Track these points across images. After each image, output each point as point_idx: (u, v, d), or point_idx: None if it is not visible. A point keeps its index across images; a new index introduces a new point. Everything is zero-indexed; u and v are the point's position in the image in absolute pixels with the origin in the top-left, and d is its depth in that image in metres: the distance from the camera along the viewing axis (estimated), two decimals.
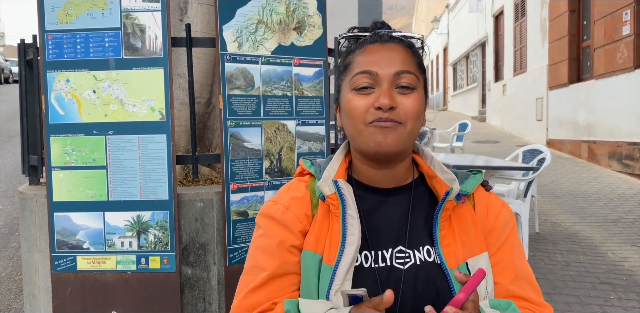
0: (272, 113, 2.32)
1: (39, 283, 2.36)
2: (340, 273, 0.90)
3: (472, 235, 0.97)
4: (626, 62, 6.99)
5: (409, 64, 0.94)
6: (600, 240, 4.50)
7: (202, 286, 2.25)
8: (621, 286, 3.42)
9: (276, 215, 0.97)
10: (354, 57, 0.97)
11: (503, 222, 1.01)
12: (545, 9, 10.26)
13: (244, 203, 2.26)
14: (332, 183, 0.95)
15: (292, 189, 1.02)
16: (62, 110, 2.18)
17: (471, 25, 17.79)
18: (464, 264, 0.94)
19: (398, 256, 0.95)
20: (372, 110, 0.90)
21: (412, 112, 0.91)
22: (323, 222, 0.96)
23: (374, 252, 0.95)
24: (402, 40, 0.97)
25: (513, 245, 1.01)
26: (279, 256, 0.95)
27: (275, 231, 0.96)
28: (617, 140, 7.34)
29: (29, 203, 2.39)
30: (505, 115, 13.69)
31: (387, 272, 0.93)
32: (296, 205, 0.98)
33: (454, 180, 0.97)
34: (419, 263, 0.94)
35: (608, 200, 5.90)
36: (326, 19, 2.46)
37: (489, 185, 1.04)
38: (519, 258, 1.01)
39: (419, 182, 1.02)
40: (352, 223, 0.92)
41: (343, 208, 0.93)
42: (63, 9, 2.18)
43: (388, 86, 0.91)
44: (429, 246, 0.96)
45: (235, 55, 2.24)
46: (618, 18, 7.17)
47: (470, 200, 1.01)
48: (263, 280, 0.94)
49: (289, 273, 0.95)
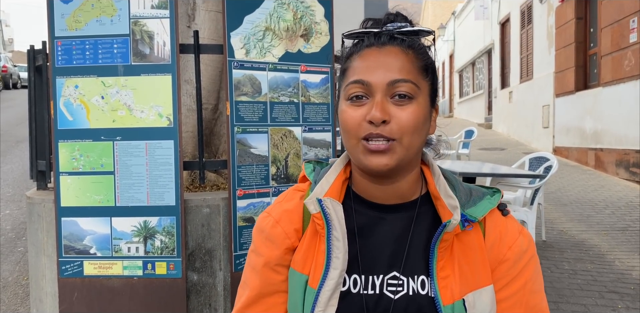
0: (278, 119, 2.33)
1: (46, 288, 2.37)
2: (323, 299, 0.85)
3: (477, 266, 0.88)
4: (633, 70, 6.97)
5: (407, 71, 0.84)
6: (607, 249, 4.46)
7: (208, 292, 2.25)
8: (629, 295, 3.39)
9: (266, 229, 0.93)
10: (351, 62, 0.88)
11: (517, 253, 0.89)
12: (552, 16, 10.26)
13: (250, 209, 2.26)
14: (316, 201, 0.87)
15: (285, 200, 0.96)
16: (71, 115, 2.20)
17: (477, 32, 17.80)
18: (460, 301, 0.85)
19: (390, 283, 0.88)
20: (365, 124, 0.82)
21: (407, 126, 0.82)
22: (312, 239, 0.90)
23: (365, 277, 0.88)
24: (403, 41, 0.86)
25: (527, 279, 0.89)
26: (264, 277, 0.92)
27: (263, 248, 0.93)
28: (624, 148, 7.30)
29: (36, 208, 2.40)
30: (511, 122, 13.66)
31: (375, 300, 0.87)
32: (286, 220, 0.92)
33: (455, 208, 0.86)
34: (411, 294, 0.87)
35: (615, 209, 5.86)
36: (333, 26, 2.47)
37: (506, 210, 0.93)
38: (532, 294, 0.90)
39: (425, 200, 0.92)
40: (337, 246, 0.86)
41: (328, 229, 0.86)
42: (72, 16, 2.20)
43: (381, 97, 0.82)
44: (424, 276, 0.87)
45: (243, 62, 2.25)
46: (625, 25, 7.16)
47: (480, 226, 0.90)
48: (249, 300, 0.93)
49: (276, 292, 0.92)
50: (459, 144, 9.41)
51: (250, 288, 0.93)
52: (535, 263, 0.91)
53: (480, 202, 0.90)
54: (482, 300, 0.86)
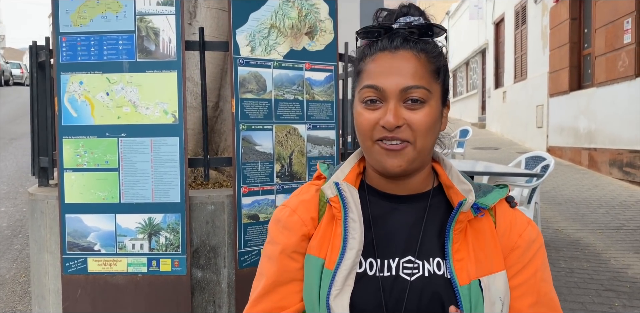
0: (283, 117, 2.33)
1: (49, 285, 2.36)
2: (340, 278, 0.87)
3: (490, 251, 0.91)
4: (627, 70, 7.03)
5: (419, 76, 0.87)
6: (602, 247, 4.50)
7: (212, 289, 2.26)
8: (625, 293, 3.43)
9: (282, 218, 0.96)
10: (365, 64, 0.91)
11: (527, 241, 0.93)
12: (546, 16, 10.32)
13: (255, 206, 2.26)
14: (334, 185, 0.92)
15: (301, 193, 1.00)
16: (75, 112, 2.19)
17: (471, 32, 17.87)
18: (476, 281, 0.88)
19: (406, 266, 0.91)
20: (379, 127, 0.86)
21: (421, 129, 0.86)
22: (328, 226, 0.93)
23: (380, 260, 0.91)
24: (416, 44, 0.88)
25: (537, 268, 0.93)
26: (281, 264, 0.94)
27: (279, 237, 0.95)
28: (618, 148, 7.37)
29: (39, 204, 2.39)
30: (505, 122, 13.73)
31: (392, 281, 0.89)
32: (303, 208, 0.96)
33: (469, 191, 0.91)
34: (427, 276, 0.90)
35: (609, 208, 5.92)
36: (337, 24, 2.48)
37: (513, 202, 0.98)
38: (543, 282, 0.93)
39: (437, 192, 0.96)
40: (353, 227, 0.89)
41: (344, 211, 0.90)
42: (77, 12, 2.19)
43: (395, 103, 0.86)
44: (440, 258, 0.91)
45: (248, 59, 2.25)
46: (619, 26, 7.22)
47: (491, 214, 0.95)
48: (266, 288, 0.94)
49: (292, 281, 0.94)
50: (454, 143, 9.45)
51: (266, 277, 0.94)
52: (544, 254, 0.95)
53: (490, 193, 0.94)
54: (496, 285, 0.89)
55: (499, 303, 0.88)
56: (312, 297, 0.90)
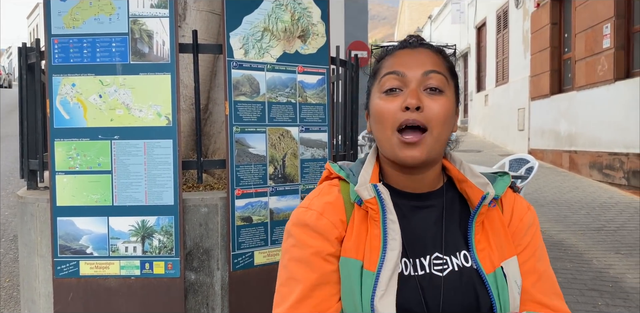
0: (276, 119, 2.35)
1: (39, 289, 2.33)
2: (384, 279, 0.88)
3: (502, 238, 0.97)
4: (606, 74, 7.18)
5: (438, 65, 0.93)
6: (585, 248, 4.59)
7: (205, 291, 2.26)
8: (608, 292, 3.50)
9: (310, 222, 0.94)
10: (383, 62, 0.97)
11: (527, 224, 1.00)
12: (527, 21, 10.49)
13: (248, 208, 2.27)
14: (371, 187, 0.92)
15: (323, 194, 0.98)
16: (67, 114, 2.18)
17: (454, 36, 18.06)
18: (499, 268, 0.93)
19: (435, 263, 0.94)
20: (400, 113, 0.89)
21: (439, 117, 0.89)
22: (361, 227, 0.93)
23: (412, 260, 0.93)
24: (432, 46, 0.97)
25: (536, 248, 1.00)
26: (317, 267, 0.92)
27: (309, 240, 0.93)
28: (597, 151, 7.52)
29: (29, 207, 2.37)
30: (487, 125, 13.90)
31: (427, 279, 0.92)
32: (330, 211, 0.95)
33: (487, 185, 0.96)
34: (457, 270, 0.93)
35: (590, 209, 6.04)
36: (329, 27, 2.50)
37: (516, 186, 1.03)
38: (541, 261, 1.00)
39: (449, 187, 1.00)
40: (392, 228, 0.91)
41: (383, 212, 0.91)
42: (70, 14, 2.18)
43: (416, 87, 0.90)
44: (465, 251, 0.95)
45: (242, 62, 2.27)
46: (599, 31, 7.37)
47: (498, 203, 1.00)
48: (303, 293, 0.91)
49: (328, 283, 0.92)
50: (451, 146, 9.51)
51: (302, 281, 0.92)
52: (540, 234, 1.03)
53: (495, 183, 1.00)
54: (511, 269, 0.95)
55: (515, 287, 0.94)
56: (353, 299, 0.90)
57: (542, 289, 0.98)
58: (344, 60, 2.91)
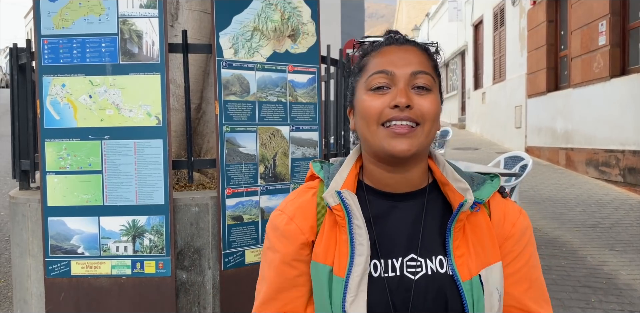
0: (267, 119, 2.35)
1: (31, 289, 2.34)
2: (353, 285, 0.88)
3: (486, 244, 0.94)
4: (602, 72, 7.19)
5: (425, 65, 0.93)
6: (579, 245, 4.61)
7: (196, 290, 2.26)
8: (601, 289, 3.51)
9: (280, 226, 0.96)
10: (369, 58, 0.95)
11: (520, 229, 0.97)
12: (524, 18, 10.49)
13: (239, 208, 2.28)
14: (336, 194, 0.92)
15: (297, 197, 1.00)
16: (58, 114, 2.18)
17: (451, 34, 18.06)
18: (477, 277, 0.91)
19: (409, 265, 0.92)
20: (388, 109, 0.88)
21: (430, 112, 0.89)
22: (331, 231, 0.94)
23: (384, 261, 0.92)
24: (418, 44, 0.96)
25: (530, 255, 0.98)
26: (280, 272, 0.95)
27: (278, 245, 0.96)
28: (593, 148, 7.53)
29: (20, 208, 2.38)
30: (484, 122, 13.91)
31: (397, 281, 0.91)
32: (300, 216, 0.96)
33: (467, 190, 0.93)
34: (430, 274, 0.92)
35: (586, 206, 6.05)
36: (320, 26, 2.51)
37: (505, 192, 1.00)
38: (534, 268, 0.98)
39: (433, 188, 0.98)
40: (359, 234, 0.90)
41: (349, 218, 0.90)
42: (59, 14, 2.19)
43: (404, 85, 0.89)
44: (442, 256, 0.93)
45: (232, 61, 2.27)
46: (594, 29, 7.38)
47: (485, 207, 0.97)
48: (268, 294, 0.96)
49: (294, 287, 0.95)
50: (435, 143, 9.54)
51: (267, 283, 0.97)
52: (534, 241, 1.00)
53: (483, 186, 0.97)
54: (493, 276, 0.92)
55: (495, 293, 0.92)
56: (323, 303, 0.91)
57: (534, 296, 0.97)
58: (335, 59, 2.92)
